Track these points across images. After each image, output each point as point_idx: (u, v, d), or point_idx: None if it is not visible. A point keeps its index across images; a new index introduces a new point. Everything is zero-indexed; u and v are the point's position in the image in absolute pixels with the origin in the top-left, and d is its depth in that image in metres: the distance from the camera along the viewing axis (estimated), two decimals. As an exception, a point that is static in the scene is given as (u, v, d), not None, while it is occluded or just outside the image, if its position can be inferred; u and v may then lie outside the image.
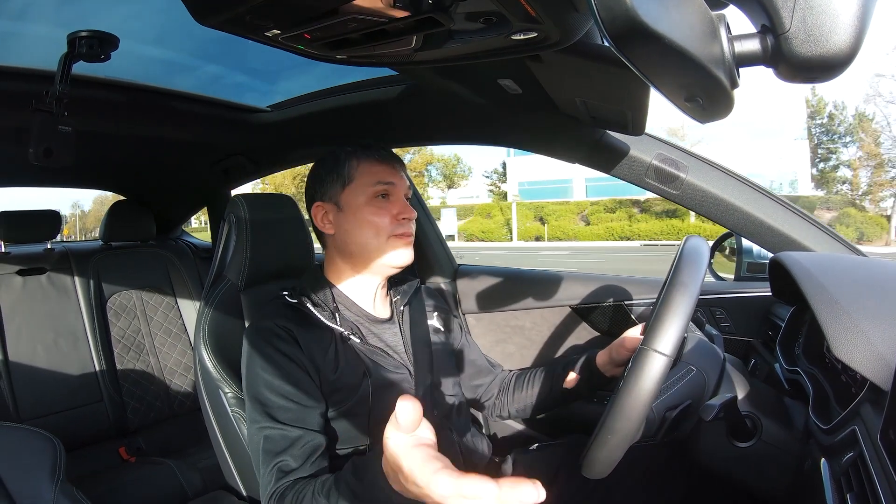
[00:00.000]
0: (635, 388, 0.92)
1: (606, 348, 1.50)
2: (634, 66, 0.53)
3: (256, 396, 1.27)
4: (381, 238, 1.38)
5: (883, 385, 0.84)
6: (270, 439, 1.22)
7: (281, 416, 1.23)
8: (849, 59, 0.50)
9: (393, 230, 1.38)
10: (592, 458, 0.98)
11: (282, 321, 1.32)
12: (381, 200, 1.39)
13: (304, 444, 1.21)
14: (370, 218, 1.37)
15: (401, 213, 1.40)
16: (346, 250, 1.42)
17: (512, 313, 2.27)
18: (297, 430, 1.22)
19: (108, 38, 1.47)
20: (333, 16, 0.86)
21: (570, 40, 0.92)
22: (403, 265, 1.41)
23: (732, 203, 1.61)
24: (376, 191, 1.38)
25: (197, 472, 2.38)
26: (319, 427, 1.26)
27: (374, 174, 1.39)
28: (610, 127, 1.60)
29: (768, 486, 1.19)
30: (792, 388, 1.31)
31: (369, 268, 1.41)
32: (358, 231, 1.39)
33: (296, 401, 1.25)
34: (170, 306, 3.10)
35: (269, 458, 1.21)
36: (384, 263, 1.39)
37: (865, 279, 1.15)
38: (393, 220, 1.38)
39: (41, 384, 2.58)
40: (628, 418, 0.92)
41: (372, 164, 1.40)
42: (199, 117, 2.20)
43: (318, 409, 1.27)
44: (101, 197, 46.87)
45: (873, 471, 0.77)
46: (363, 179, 1.39)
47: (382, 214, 1.38)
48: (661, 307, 0.98)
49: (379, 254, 1.39)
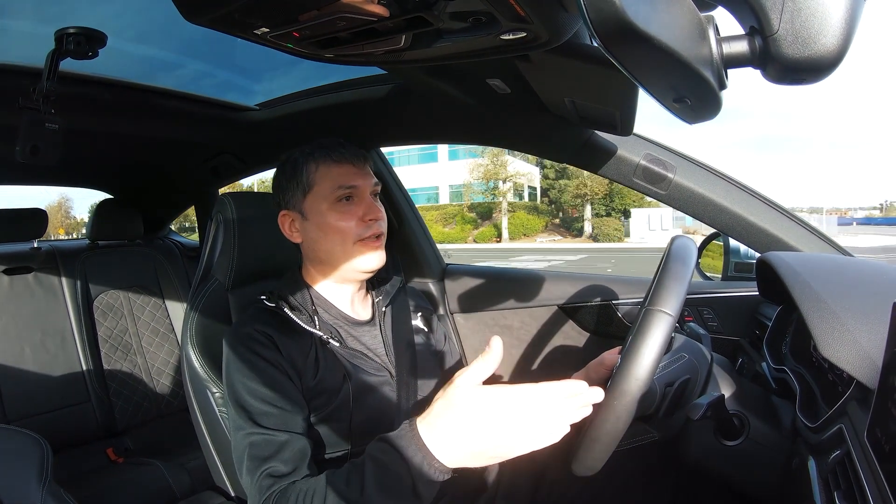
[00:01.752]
0: (642, 346, 0.92)
1: (584, 367, 1.48)
2: (623, 67, 0.53)
3: (239, 403, 1.24)
4: (349, 244, 1.34)
5: (869, 384, 0.85)
6: (256, 445, 1.20)
7: (265, 422, 1.21)
8: (837, 61, 0.50)
9: (360, 234, 1.34)
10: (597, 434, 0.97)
11: (261, 326, 1.30)
12: (344, 204, 1.35)
13: (291, 449, 1.19)
14: (335, 224, 1.34)
15: (366, 214, 1.35)
16: (315, 258, 1.40)
17: (500, 313, 2.27)
18: (283, 434, 1.20)
19: (96, 35, 1.46)
20: (322, 14, 0.86)
21: (559, 40, 0.92)
22: (375, 269, 1.38)
23: (720, 203, 1.62)
24: (338, 195, 1.34)
25: (185, 473, 2.37)
26: (304, 431, 1.25)
27: (335, 178, 1.35)
28: (598, 127, 1.60)
29: (756, 485, 1.20)
30: (779, 387, 1.31)
31: (340, 273, 1.39)
32: (324, 239, 1.36)
33: (279, 405, 1.23)
34: (157, 306, 3.08)
35: (256, 465, 1.18)
36: (354, 269, 1.37)
37: (852, 279, 1.16)
38: (359, 223, 1.34)
39: (28, 384, 2.56)
40: (636, 378, 0.91)
41: (330, 166, 1.35)
42: (186, 115, 2.19)
43: (302, 413, 1.26)
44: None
45: (860, 469, 0.78)
46: (324, 185, 1.35)
47: (347, 219, 1.34)
48: (662, 274, 0.99)
49: (347, 260, 1.36)
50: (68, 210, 55.79)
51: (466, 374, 0.90)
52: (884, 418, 0.74)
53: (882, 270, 1.19)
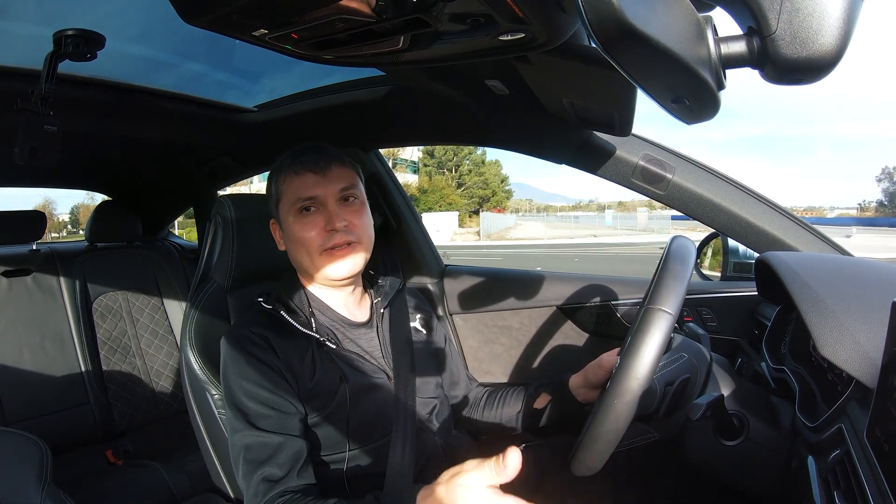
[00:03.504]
0: (642, 345, 0.92)
1: (582, 370, 1.49)
2: (621, 68, 0.53)
3: (236, 404, 1.25)
4: (315, 255, 1.33)
5: (869, 383, 0.85)
6: (252, 448, 1.21)
7: (261, 424, 1.22)
8: (835, 61, 0.50)
9: (323, 244, 1.32)
10: (596, 433, 0.97)
11: (257, 328, 1.31)
12: (305, 215, 1.33)
13: (287, 451, 1.20)
14: (298, 235, 1.33)
15: (328, 224, 1.32)
16: (297, 265, 1.41)
17: (499, 313, 2.27)
18: (279, 436, 1.21)
19: (94, 37, 1.46)
20: (321, 16, 0.86)
21: (558, 41, 0.92)
22: (346, 276, 1.36)
23: (718, 203, 1.62)
24: (298, 207, 1.33)
25: (184, 475, 2.37)
26: (300, 433, 1.25)
27: (294, 190, 1.34)
28: (597, 128, 1.60)
29: (756, 485, 1.20)
30: (778, 387, 1.31)
31: (317, 282, 1.40)
32: (294, 249, 1.36)
33: (275, 407, 1.23)
34: (156, 308, 3.08)
35: (253, 468, 1.20)
36: (325, 277, 1.36)
37: (851, 278, 1.15)
38: (321, 232, 1.32)
39: (27, 387, 2.56)
40: (636, 377, 0.92)
41: (291, 178, 1.34)
42: (185, 117, 2.19)
43: (298, 416, 1.26)
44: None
45: (860, 468, 0.78)
46: (287, 197, 1.35)
47: (308, 230, 1.32)
48: (662, 273, 0.99)
49: (316, 270, 1.35)
50: (52, 212, 56.73)
51: (477, 473, 0.89)
52: (883, 418, 0.74)
53: (881, 270, 1.19)
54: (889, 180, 79.61)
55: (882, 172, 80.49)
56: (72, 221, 66.48)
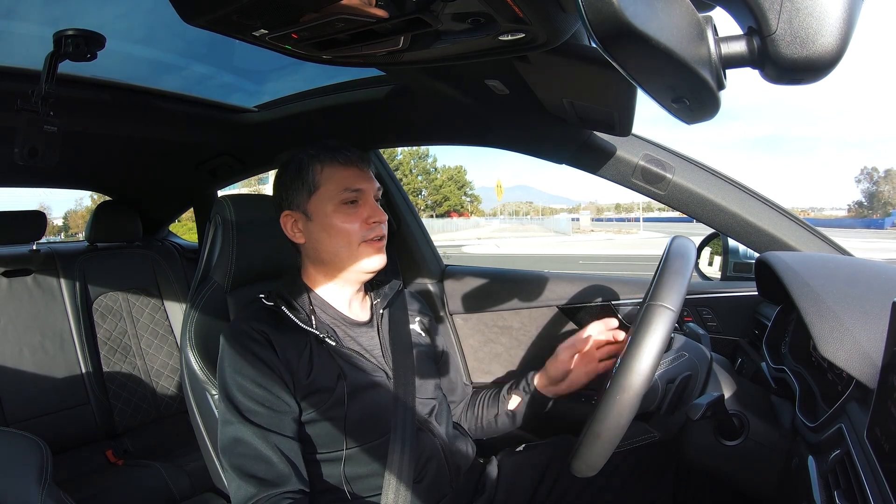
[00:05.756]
0: (645, 341, 0.93)
1: (542, 369, 1.52)
2: (621, 68, 0.53)
3: (229, 397, 1.26)
4: (353, 246, 1.37)
5: (869, 383, 0.85)
6: (243, 443, 1.22)
7: (253, 419, 1.23)
8: (835, 61, 0.50)
9: (364, 235, 1.37)
10: (596, 430, 0.97)
11: (257, 324, 1.32)
12: (349, 207, 1.37)
13: (277, 452, 1.21)
14: (340, 226, 1.36)
15: (371, 217, 1.38)
16: (318, 259, 1.42)
17: (500, 314, 2.27)
18: (271, 434, 1.22)
19: (94, 37, 1.46)
20: (321, 16, 0.86)
21: (558, 41, 0.92)
22: (377, 270, 1.41)
23: (719, 203, 1.62)
24: (344, 198, 1.36)
25: (184, 474, 2.37)
26: (292, 432, 1.26)
27: (341, 181, 1.37)
28: (597, 127, 1.60)
29: (756, 484, 1.20)
30: (779, 387, 1.31)
31: (343, 275, 1.41)
32: (329, 240, 1.38)
33: (268, 405, 1.24)
34: (156, 308, 3.08)
35: (244, 463, 1.21)
36: (357, 270, 1.39)
37: (851, 278, 1.15)
38: (363, 225, 1.37)
39: (27, 386, 2.56)
40: (639, 372, 0.92)
41: (337, 169, 1.38)
42: (185, 117, 2.19)
43: (291, 415, 1.27)
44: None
45: (860, 468, 0.78)
46: (330, 187, 1.37)
47: (352, 221, 1.36)
48: (663, 271, 1.00)
49: (352, 261, 1.38)
50: (47, 216, 57.76)
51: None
52: (883, 417, 0.74)
53: (881, 270, 1.19)
54: (868, 180, 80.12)
55: (861, 173, 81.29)
56: (64, 227, 67.01)
